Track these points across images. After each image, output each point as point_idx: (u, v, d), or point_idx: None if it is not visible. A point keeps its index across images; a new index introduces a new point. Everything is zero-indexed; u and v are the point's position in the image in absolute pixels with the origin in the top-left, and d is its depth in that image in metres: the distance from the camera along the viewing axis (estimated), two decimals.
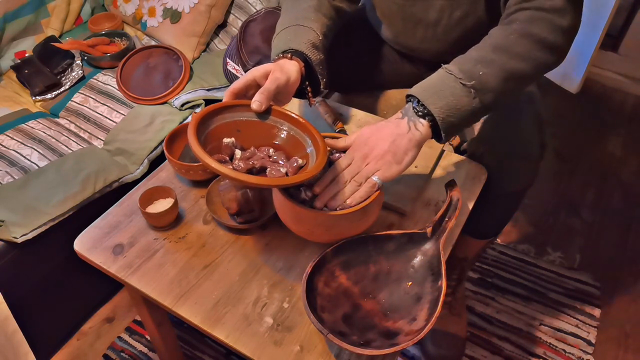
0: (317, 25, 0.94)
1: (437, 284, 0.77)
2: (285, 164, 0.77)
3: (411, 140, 0.79)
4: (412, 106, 0.80)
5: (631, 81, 2.29)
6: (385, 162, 0.78)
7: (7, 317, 1.02)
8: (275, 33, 0.96)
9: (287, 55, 0.89)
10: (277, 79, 0.82)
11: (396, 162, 0.78)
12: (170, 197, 0.92)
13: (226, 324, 0.78)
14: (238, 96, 0.83)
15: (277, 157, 0.78)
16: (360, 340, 0.73)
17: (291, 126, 0.81)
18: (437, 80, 0.80)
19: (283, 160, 0.78)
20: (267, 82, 0.82)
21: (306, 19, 0.94)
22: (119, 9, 1.71)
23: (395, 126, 0.80)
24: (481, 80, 0.79)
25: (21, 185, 1.23)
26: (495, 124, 0.98)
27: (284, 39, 0.91)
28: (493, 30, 0.86)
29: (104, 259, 0.87)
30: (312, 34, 0.92)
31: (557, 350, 1.37)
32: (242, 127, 0.79)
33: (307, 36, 0.91)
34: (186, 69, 1.50)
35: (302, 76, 0.89)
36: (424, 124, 0.79)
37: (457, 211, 0.82)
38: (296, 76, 0.87)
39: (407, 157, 0.79)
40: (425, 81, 0.81)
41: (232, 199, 0.88)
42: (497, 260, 1.58)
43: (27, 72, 1.53)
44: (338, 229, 0.79)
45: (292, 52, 0.89)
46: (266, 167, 0.76)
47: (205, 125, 0.75)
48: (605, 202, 1.80)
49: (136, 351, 1.37)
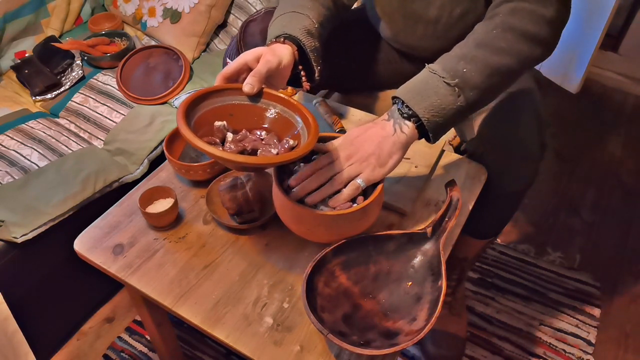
0: (313, 13, 0.94)
1: (437, 284, 0.77)
2: (276, 144, 0.77)
3: (395, 143, 0.78)
4: (397, 108, 0.80)
5: (631, 81, 2.29)
6: (369, 165, 0.78)
7: (7, 317, 1.02)
8: (271, 20, 0.96)
9: (280, 40, 0.88)
10: (268, 62, 0.82)
11: (380, 165, 0.78)
12: (170, 197, 0.92)
13: (226, 324, 0.78)
14: (230, 80, 0.83)
15: (269, 139, 0.78)
16: (360, 340, 0.73)
17: (283, 108, 0.81)
18: (421, 81, 0.80)
19: (275, 142, 0.78)
20: (258, 65, 0.81)
21: (303, 7, 0.94)
22: (119, 9, 1.71)
23: (381, 128, 0.79)
24: (464, 78, 0.78)
25: (21, 185, 1.23)
26: (495, 124, 0.98)
27: (279, 25, 0.91)
28: (477, 25, 0.85)
29: (104, 259, 0.87)
30: (308, 20, 0.92)
31: (557, 350, 1.37)
32: (234, 111, 0.79)
33: (302, 22, 0.91)
34: (186, 69, 1.50)
35: (296, 61, 0.89)
36: (409, 126, 0.78)
37: (457, 211, 0.82)
38: (289, 59, 0.86)
39: (392, 161, 0.79)
40: (409, 82, 0.81)
41: (232, 199, 0.88)
42: (497, 260, 1.58)
43: (27, 72, 1.53)
44: (338, 229, 0.79)
45: (286, 36, 0.89)
46: (258, 149, 0.76)
47: (195, 110, 0.75)
48: (605, 202, 1.80)
49: (136, 351, 1.37)
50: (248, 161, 0.68)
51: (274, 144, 0.77)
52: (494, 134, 0.98)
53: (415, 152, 1.00)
